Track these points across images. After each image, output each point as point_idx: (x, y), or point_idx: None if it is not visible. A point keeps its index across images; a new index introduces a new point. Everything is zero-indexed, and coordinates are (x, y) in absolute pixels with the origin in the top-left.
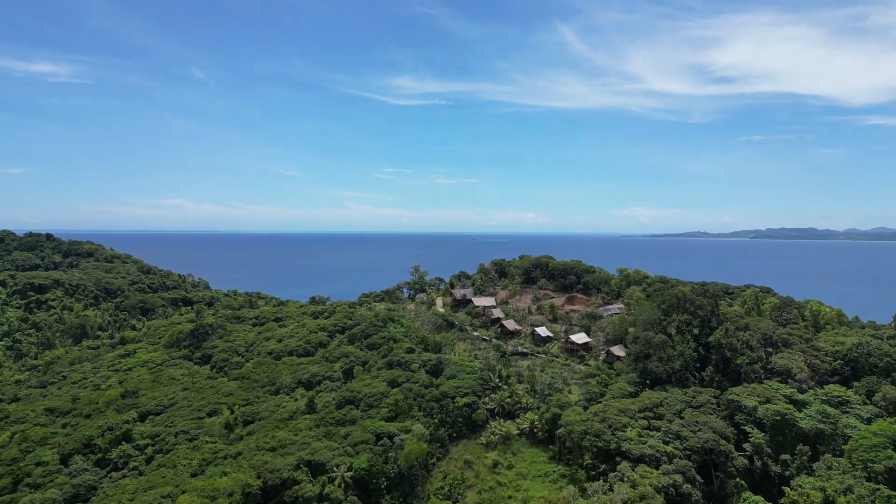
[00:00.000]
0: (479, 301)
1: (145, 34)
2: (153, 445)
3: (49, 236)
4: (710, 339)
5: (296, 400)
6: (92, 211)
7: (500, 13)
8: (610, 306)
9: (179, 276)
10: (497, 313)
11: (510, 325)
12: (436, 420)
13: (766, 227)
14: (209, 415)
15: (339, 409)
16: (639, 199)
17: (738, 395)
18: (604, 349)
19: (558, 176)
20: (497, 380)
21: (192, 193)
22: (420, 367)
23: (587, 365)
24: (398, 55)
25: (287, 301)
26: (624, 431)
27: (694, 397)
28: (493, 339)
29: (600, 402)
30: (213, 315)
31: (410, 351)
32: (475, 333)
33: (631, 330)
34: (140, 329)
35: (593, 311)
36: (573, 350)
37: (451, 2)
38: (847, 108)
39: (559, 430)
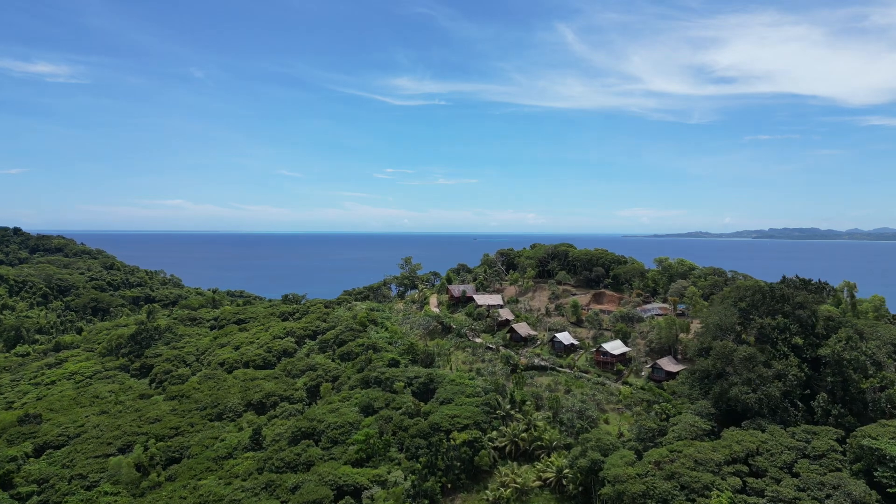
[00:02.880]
0: (483, 299)
1: (145, 34)
2: (39, 494)
3: (17, 230)
4: (821, 351)
5: (240, 429)
6: (92, 211)
7: (499, 13)
8: (649, 306)
9: (147, 272)
10: (505, 314)
11: (522, 329)
12: (421, 464)
13: (769, 227)
14: (122, 450)
15: (293, 446)
16: (639, 200)
17: (875, 440)
18: (646, 361)
19: (558, 176)
20: (508, 405)
21: (192, 194)
22: (405, 387)
23: (627, 384)
24: (398, 55)
25: (257, 299)
26: (707, 496)
27: (808, 441)
28: (501, 348)
29: (660, 444)
30: (168, 316)
31: (394, 364)
32: (477, 340)
33: (683, 337)
34: (84, 332)
35: (629, 311)
36: (607, 363)
37: (450, 2)
38: (847, 108)
39: (604, 490)
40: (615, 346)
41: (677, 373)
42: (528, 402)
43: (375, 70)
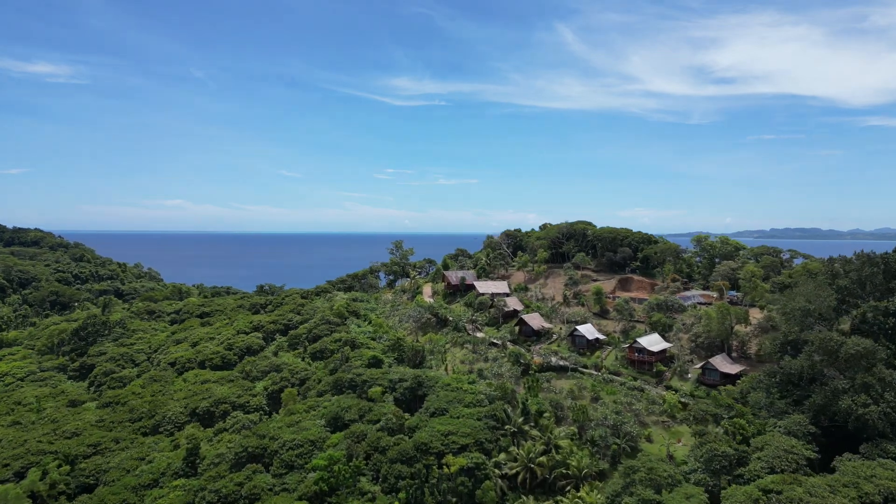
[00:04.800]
0: (486, 287)
1: (145, 34)
2: None
3: None
4: None
5: (176, 447)
6: (92, 212)
7: (498, 13)
8: (688, 293)
9: (119, 265)
10: (513, 304)
11: (534, 321)
12: (401, 501)
13: (770, 227)
14: (19, 474)
15: (236, 472)
16: (639, 200)
17: None
18: (692, 360)
19: (558, 176)
20: (520, 418)
21: (192, 194)
22: (385, 393)
23: (671, 388)
24: (397, 55)
25: (227, 292)
26: None
27: None
28: (509, 344)
29: (741, 477)
30: (126, 309)
31: (375, 363)
32: (479, 334)
33: (739, 329)
34: (30, 328)
35: (666, 298)
36: (643, 362)
37: (449, 1)
38: (847, 108)
39: None
40: (653, 342)
41: (736, 375)
42: (546, 414)
43: (375, 70)
